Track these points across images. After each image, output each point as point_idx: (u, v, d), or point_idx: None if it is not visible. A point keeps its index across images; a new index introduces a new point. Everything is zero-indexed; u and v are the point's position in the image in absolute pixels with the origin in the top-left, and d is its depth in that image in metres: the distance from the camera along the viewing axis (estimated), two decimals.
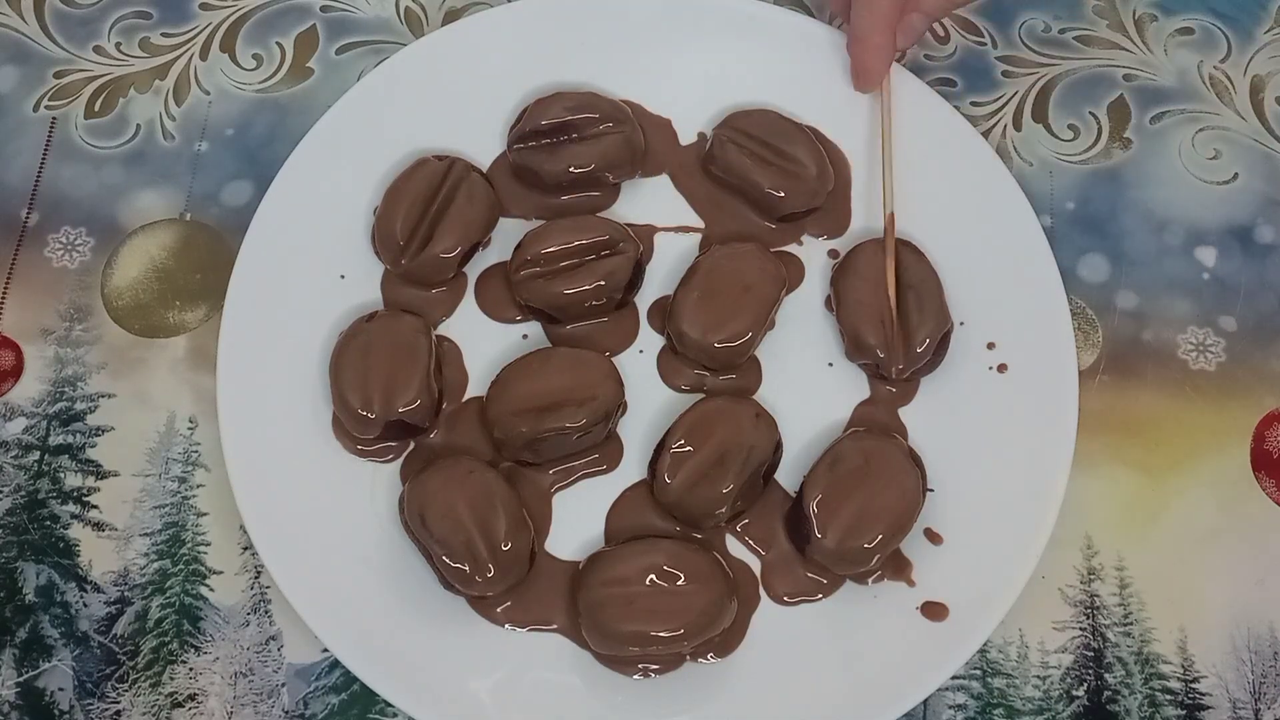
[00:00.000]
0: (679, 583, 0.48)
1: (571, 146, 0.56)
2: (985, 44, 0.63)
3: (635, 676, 0.49)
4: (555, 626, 0.50)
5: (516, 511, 0.50)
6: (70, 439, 0.55)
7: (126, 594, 0.52)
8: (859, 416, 0.54)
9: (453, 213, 0.55)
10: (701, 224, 0.58)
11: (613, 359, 0.54)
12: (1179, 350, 0.56)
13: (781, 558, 0.51)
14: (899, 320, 0.53)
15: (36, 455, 0.55)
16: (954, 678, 0.51)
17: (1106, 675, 0.51)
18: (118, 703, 0.51)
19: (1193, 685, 0.51)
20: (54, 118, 0.61)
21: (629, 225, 0.56)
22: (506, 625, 0.50)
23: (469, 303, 0.56)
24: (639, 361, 0.55)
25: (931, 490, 0.52)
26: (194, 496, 0.54)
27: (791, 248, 0.57)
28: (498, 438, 0.52)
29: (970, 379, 0.54)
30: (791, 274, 0.56)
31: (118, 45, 0.63)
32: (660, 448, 0.51)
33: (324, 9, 0.64)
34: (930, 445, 0.53)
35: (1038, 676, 0.51)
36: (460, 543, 0.48)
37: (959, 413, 0.53)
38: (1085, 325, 0.57)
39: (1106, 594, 0.52)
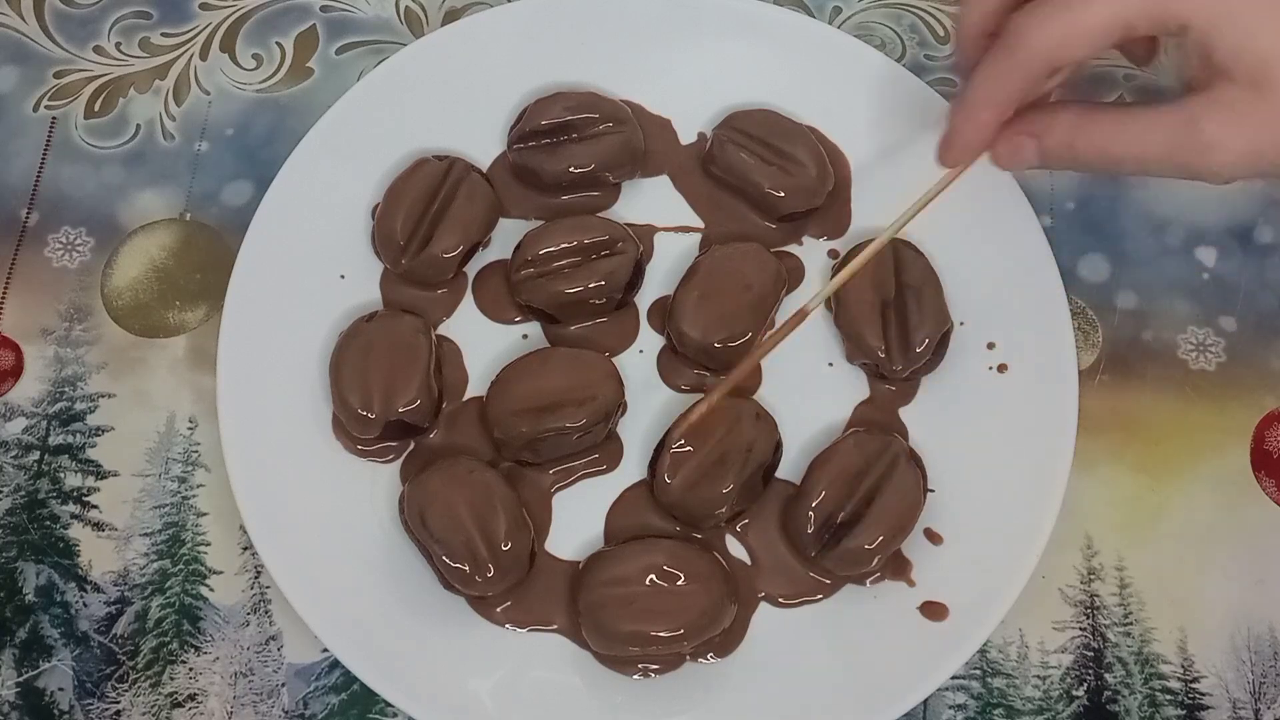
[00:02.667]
0: (679, 583, 0.48)
1: (571, 146, 0.56)
2: None
3: (635, 676, 0.49)
4: (555, 626, 0.50)
5: (516, 511, 0.50)
6: (70, 439, 0.55)
7: (126, 594, 0.52)
8: (859, 416, 0.54)
9: (453, 213, 0.55)
10: (701, 224, 0.58)
11: (613, 359, 0.54)
12: (1179, 350, 0.56)
13: (782, 558, 0.51)
14: (898, 320, 0.53)
15: (36, 455, 0.55)
16: (954, 678, 0.51)
17: (1106, 675, 0.51)
18: (118, 703, 0.51)
19: (1193, 685, 0.51)
20: (54, 118, 0.61)
21: (629, 225, 0.56)
22: (506, 625, 0.50)
23: (469, 303, 0.56)
24: (639, 361, 0.55)
25: (932, 490, 0.52)
26: (194, 496, 0.54)
27: (791, 248, 0.57)
28: (498, 438, 0.52)
29: (970, 379, 0.54)
30: (791, 274, 0.56)
31: (118, 45, 0.63)
32: (660, 448, 0.51)
33: (324, 9, 0.64)
34: (930, 445, 0.53)
35: (1038, 676, 0.51)
36: (460, 543, 0.48)
37: (959, 413, 0.53)
38: (1085, 325, 0.57)
39: (1106, 594, 0.52)
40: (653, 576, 0.49)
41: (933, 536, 0.51)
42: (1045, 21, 0.44)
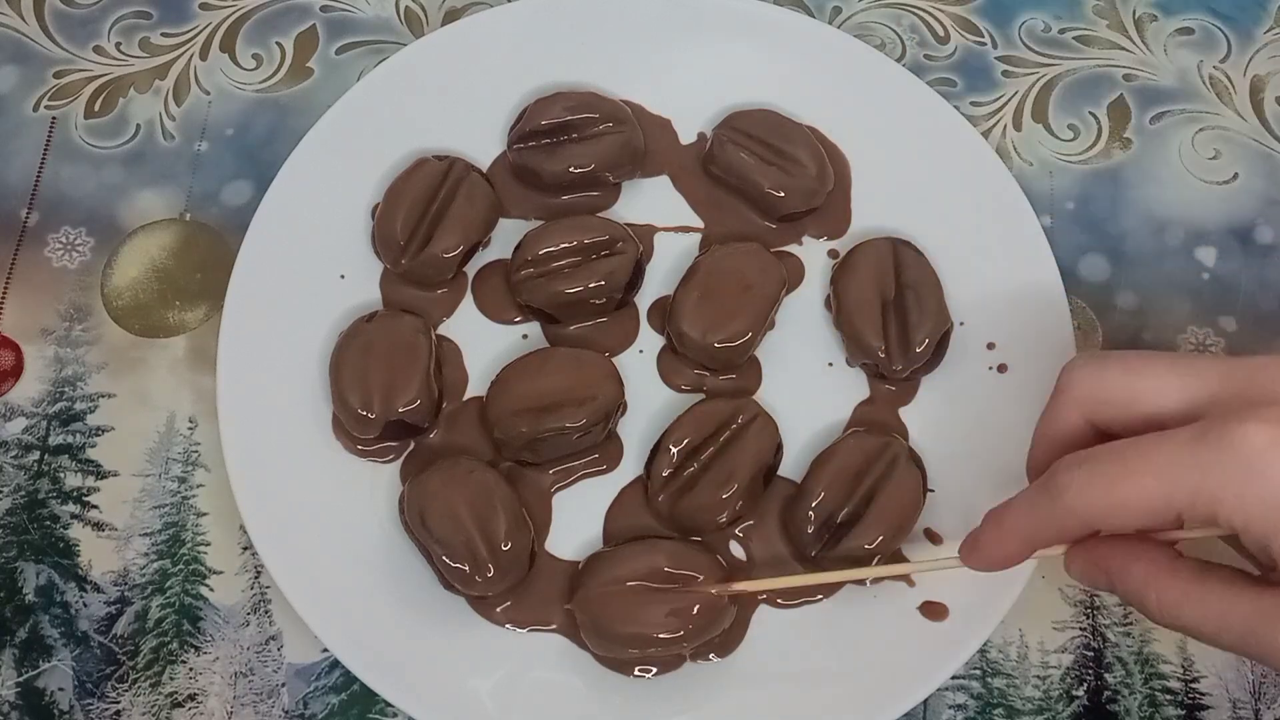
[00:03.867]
0: (679, 583, 0.48)
1: (571, 146, 0.56)
2: (985, 44, 0.63)
3: (636, 674, 0.49)
4: (555, 626, 0.50)
5: (516, 511, 0.50)
6: (70, 439, 0.55)
7: (126, 594, 0.52)
8: (859, 416, 0.54)
9: (453, 213, 0.55)
10: (701, 224, 0.58)
11: (613, 359, 0.54)
12: (1179, 350, 0.56)
13: (782, 558, 0.51)
14: (898, 320, 0.53)
15: (36, 455, 0.55)
16: (954, 678, 0.51)
17: (1106, 675, 0.51)
18: (118, 703, 0.51)
19: (1193, 685, 0.51)
20: (54, 118, 0.61)
21: (629, 225, 0.56)
22: (506, 625, 0.50)
23: (469, 303, 0.56)
24: (639, 361, 0.55)
25: (931, 490, 0.52)
26: (194, 496, 0.54)
27: (791, 248, 0.57)
28: (498, 438, 0.51)
29: (970, 379, 0.54)
30: (791, 274, 0.56)
31: (118, 45, 0.63)
32: (657, 449, 0.51)
33: (324, 9, 0.64)
34: (930, 445, 0.53)
35: (1038, 676, 0.51)
36: (460, 543, 0.48)
37: (959, 413, 0.53)
38: (1085, 325, 0.57)
39: (1106, 594, 0.52)
40: (652, 577, 0.48)
41: (933, 536, 0.51)
42: (1087, 486, 0.40)
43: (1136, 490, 0.39)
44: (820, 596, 0.51)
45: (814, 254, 0.57)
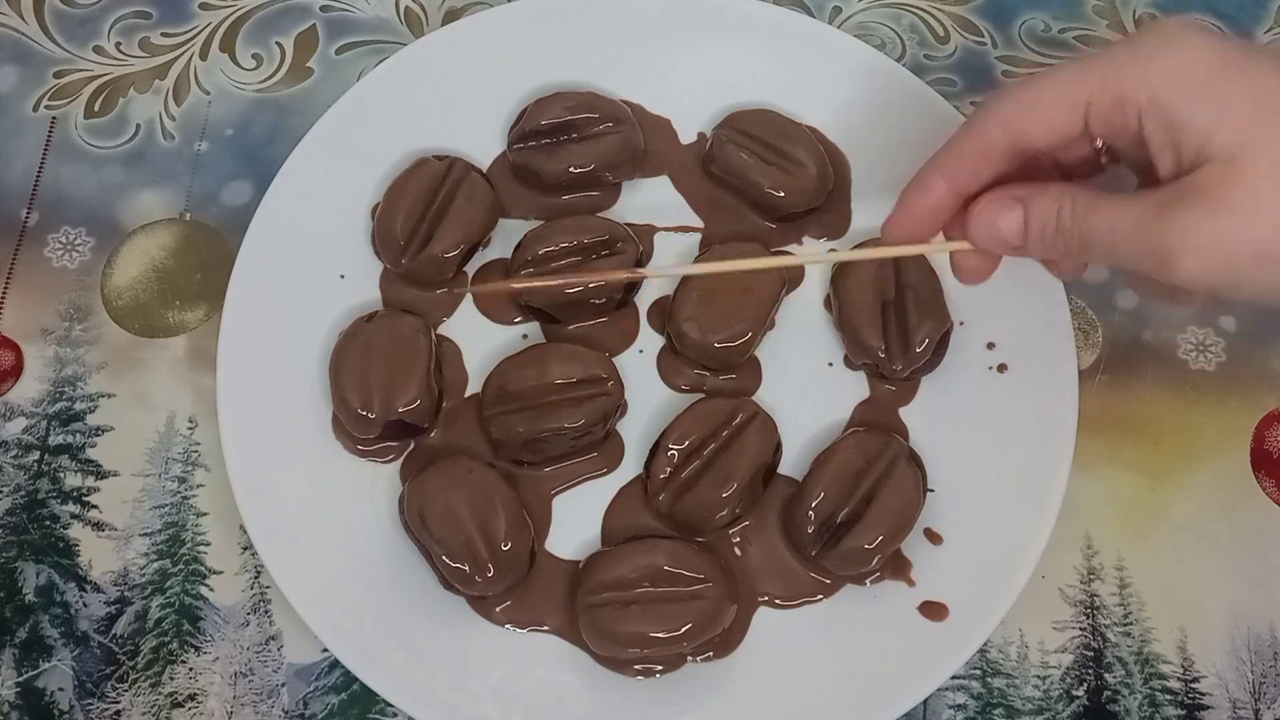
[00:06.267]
0: (678, 583, 0.48)
1: (571, 146, 0.56)
2: (985, 44, 0.63)
3: (636, 672, 0.49)
4: (555, 627, 0.50)
5: (516, 511, 0.50)
6: (70, 439, 0.55)
7: (126, 594, 0.52)
8: (859, 416, 0.54)
9: (453, 213, 0.55)
10: (701, 224, 0.58)
11: (613, 359, 0.54)
12: (1179, 350, 0.56)
13: (781, 558, 0.51)
14: (898, 320, 0.53)
15: (36, 455, 0.55)
16: (954, 678, 0.51)
17: (1106, 675, 0.51)
18: (118, 703, 0.51)
19: (1193, 685, 0.51)
20: (54, 117, 0.61)
21: (629, 225, 0.56)
22: (506, 625, 0.50)
23: (469, 303, 0.56)
24: (639, 361, 0.55)
25: (931, 490, 0.52)
26: (194, 496, 0.54)
27: (791, 248, 0.57)
28: (495, 438, 0.51)
29: (970, 379, 0.54)
30: (791, 274, 0.56)
31: (118, 45, 0.63)
32: (656, 448, 0.51)
33: (324, 9, 0.64)
34: (930, 445, 0.53)
35: (1038, 676, 0.51)
36: (460, 543, 0.48)
37: (959, 413, 0.53)
38: (1085, 325, 0.57)
39: (1106, 594, 0.52)
40: (652, 577, 0.48)
41: (933, 536, 0.51)
42: (1006, 92, 0.43)
43: (1053, 84, 0.41)
44: (820, 596, 0.51)
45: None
